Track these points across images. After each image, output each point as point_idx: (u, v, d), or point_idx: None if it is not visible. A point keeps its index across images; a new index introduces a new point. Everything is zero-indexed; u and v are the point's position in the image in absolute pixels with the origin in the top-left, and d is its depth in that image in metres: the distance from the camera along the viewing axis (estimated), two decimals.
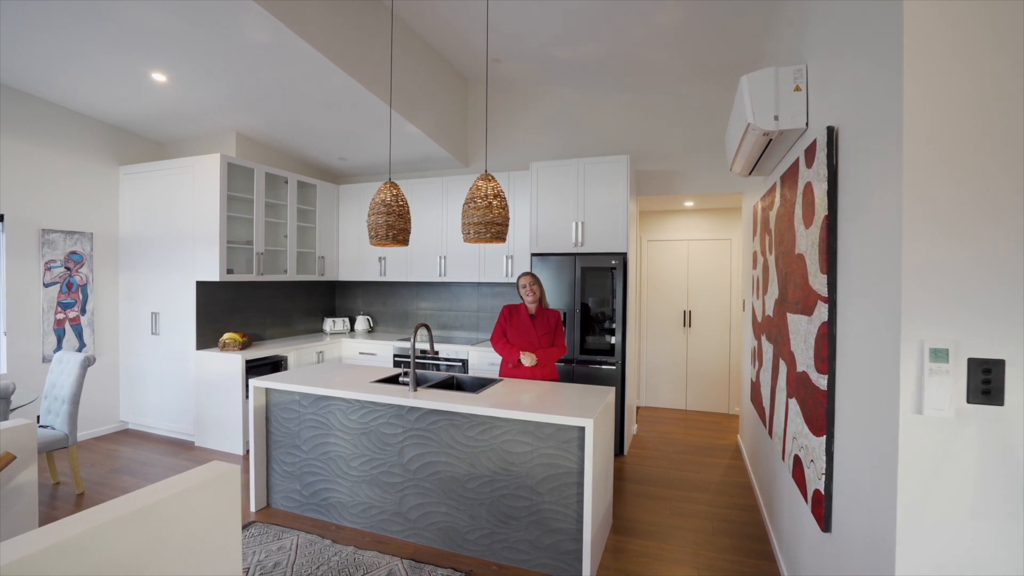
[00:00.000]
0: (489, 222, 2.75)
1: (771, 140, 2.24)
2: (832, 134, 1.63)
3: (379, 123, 4.10)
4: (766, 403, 2.83)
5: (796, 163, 2.09)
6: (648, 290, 5.76)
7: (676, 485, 3.52)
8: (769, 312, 2.73)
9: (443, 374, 3.26)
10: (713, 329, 5.51)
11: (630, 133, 4.64)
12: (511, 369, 3.26)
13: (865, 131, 1.41)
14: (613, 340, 4.04)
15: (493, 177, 2.81)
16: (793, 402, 2.10)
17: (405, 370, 3.13)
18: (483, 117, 5.08)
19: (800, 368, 1.98)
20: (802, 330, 1.95)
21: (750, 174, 2.97)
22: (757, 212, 3.28)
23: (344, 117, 4.09)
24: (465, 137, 5.07)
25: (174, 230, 4.26)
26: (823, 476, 1.65)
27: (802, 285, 1.95)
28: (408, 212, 3.06)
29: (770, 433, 2.67)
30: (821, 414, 1.69)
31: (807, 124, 2.03)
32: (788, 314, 2.22)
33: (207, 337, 4.25)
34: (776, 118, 2.07)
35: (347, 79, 3.39)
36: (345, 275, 5.45)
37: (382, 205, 2.98)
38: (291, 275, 4.81)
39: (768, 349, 2.74)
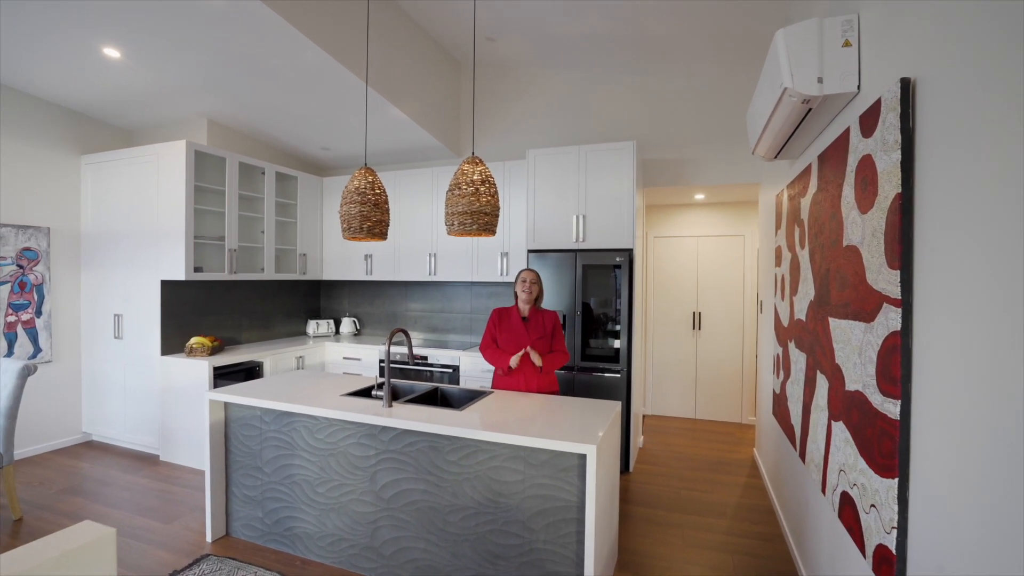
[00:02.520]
0: (476, 211, 2.38)
1: (810, 110, 1.86)
2: (908, 88, 1.26)
3: (362, 108, 3.73)
4: (795, 420, 2.45)
5: (845, 135, 1.72)
6: (654, 290, 5.38)
7: (688, 508, 3.14)
8: (800, 316, 2.36)
9: (427, 385, 2.89)
10: (725, 332, 5.13)
11: (636, 119, 4.26)
12: (505, 379, 2.87)
13: (968, 77, 1.04)
14: (617, 344, 3.67)
15: (481, 160, 2.44)
16: (840, 427, 1.72)
17: (381, 380, 2.76)
18: (479, 105, 4.71)
19: (851, 386, 1.61)
20: (855, 339, 1.58)
21: (776, 157, 2.59)
22: (782, 202, 2.90)
23: (322, 100, 3.72)
24: (457, 125, 4.70)
25: (138, 225, 3.90)
26: (893, 530, 1.28)
27: (855, 284, 1.58)
28: (386, 202, 2.70)
29: (802, 457, 2.30)
30: (889, 449, 1.32)
31: (859, 86, 1.65)
32: (831, 319, 1.84)
33: (174, 341, 3.89)
34: (820, 80, 1.69)
35: (319, 53, 3.02)
36: (330, 274, 5.09)
37: (356, 193, 2.62)
38: (268, 274, 4.45)
39: (799, 359, 2.37)
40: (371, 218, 2.65)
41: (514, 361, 2.76)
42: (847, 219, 1.67)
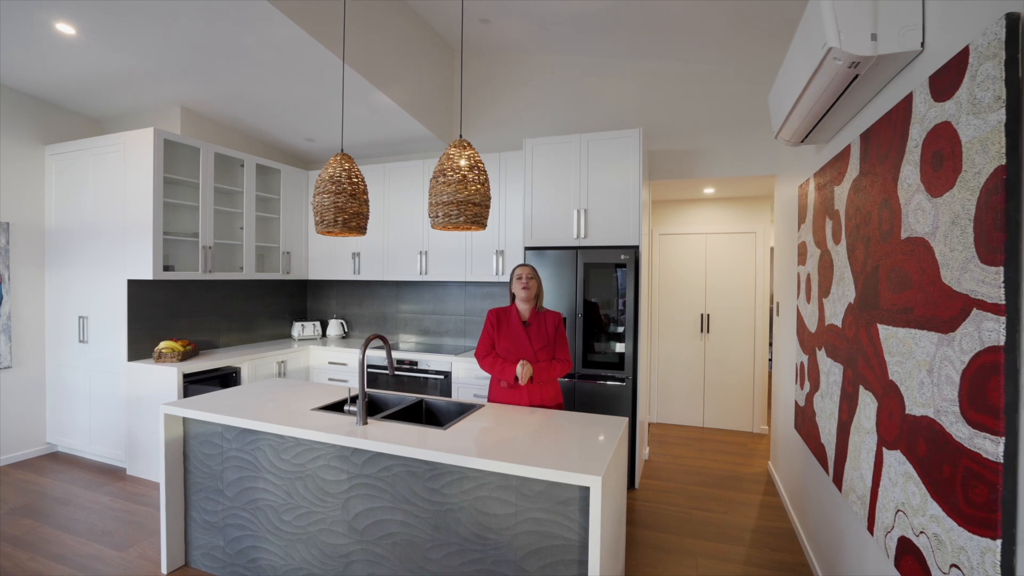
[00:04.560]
0: (463, 201, 2.09)
1: (856, 77, 1.56)
2: (1016, 26, 0.96)
3: (346, 93, 3.44)
4: (827, 439, 2.15)
5: (904, 104, 1.42)
6: (660, 290, 5.08)
7: (701, 532, 2.84)
8: (834, 321, 2.06)
9: (411, 397, 2.60)
10: (735, 336, 4.83)
11: (642, 107, 3.96)
12: (504, 390, 2.55)
13: None
14: (622, 349, 3.37)
15: (469, 144, 2.14)
16: (897, 457, 1.43)
17: (355, 393, 2.46)
18: (473, 92, 4.42)
19: (916, 410, 1.31)
20: (921, 353, 1.28)
21: (803, 141, 2.29)
22: (807, 193, 2.60)
23: (303, 85, 3.43)
24: (451, 114, 4.41)
25: (105, 219, 3.61)
26: None
27: (923, 284, 1.28)
28: (364, 192, 2.41)
29: (837, 483, 2.00)
30: (984, 498, 1.02)
31: (923, 44, 1.36)
32: (881, 326, 1.55)
33: (143, 346, 3.59)
34: (874, 37, 1.40)
35: (294, 29, 2.73)
36: (316, 273, 4.79)
37: (330, 182, 2.34)
38: (248, 273, 4.15)
39: (833, 370, 2.07)
40: (347, 210, 2.36)
41: (522, 375, 2.44)
42: (908, 205, 1.37)
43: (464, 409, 2.43)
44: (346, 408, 2.18)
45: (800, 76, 1.78)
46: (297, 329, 4.76)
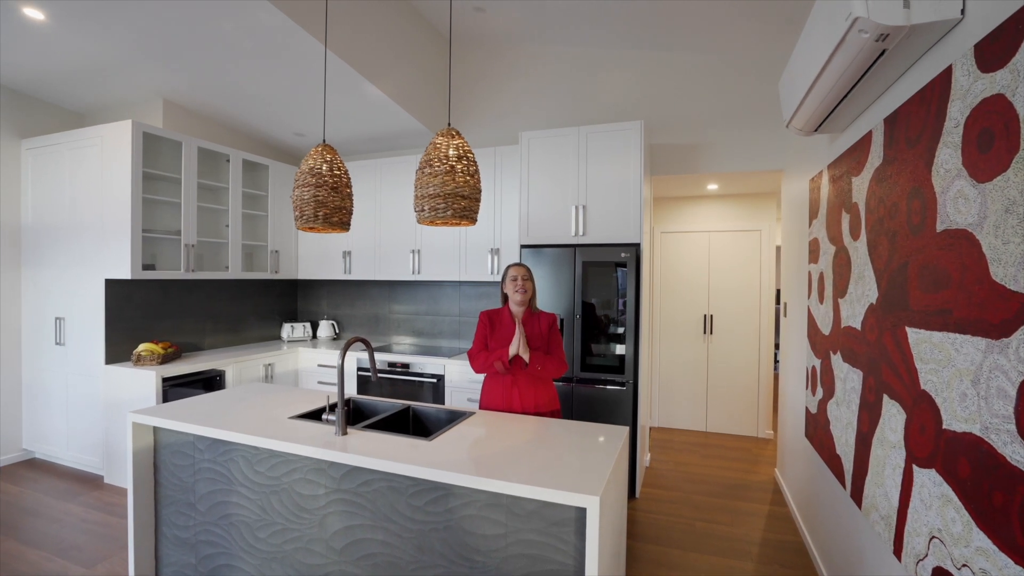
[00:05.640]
0: (451, 194, 1.94)
1: (883, 53, 1.41)
2: None
3: (334, 85, 3.29)
4: (843, 451, 2.00)
5: (939, 81, 1.26)
6: (661, 290, 4.92)
7: (706, 546, 2.68)
8: (852, 323, 1.90)
9: (399, 403, 2.44)
10: (739, 337, 4.67)
11: (643, 99, 3.81)
12: (496, 396, 2.39)
13: None
14: (622, 351, 3.22)
15: (458, 133, 1.99)
16: (932, 478, 1.27)
17: (334, 401, 2.30)
18: (469, 86, 4.27)
19: (956, 426, 1.15)
20: (962, 361, 1.13)
21: (816, 130, 2.14)
22: (819, 187, 2.45)
23: (289, 75, 3.27)
24: (446, 108, 4.25)
25: (82, 216, 3.45)
26: None
27: (965, 283, 1.12)
28: (347, 185, 2.26)
29: (855, 499, 1.84)
30: None
31: (963, 11, 1.20)
32: (910, 329, 1.39)
33: (122, 348, 3.44)
34: (907, 4, 1.24)
35: (274, 13, 2.58)
36: (306, 272, 4.64)
37: (309, 174, 2.19)
38: (234, 272, 4.00)
39: (851, 376, 1.91)
40: (328, 204, 2.21)
41: (514, 347, 2.27)
42: (946, 193, 1.22)
43: (454, 417, 2.28)
44: (324, 417, 2.02)
45: (818, 55, 1.62)
46: (287, 330, 4.61)
